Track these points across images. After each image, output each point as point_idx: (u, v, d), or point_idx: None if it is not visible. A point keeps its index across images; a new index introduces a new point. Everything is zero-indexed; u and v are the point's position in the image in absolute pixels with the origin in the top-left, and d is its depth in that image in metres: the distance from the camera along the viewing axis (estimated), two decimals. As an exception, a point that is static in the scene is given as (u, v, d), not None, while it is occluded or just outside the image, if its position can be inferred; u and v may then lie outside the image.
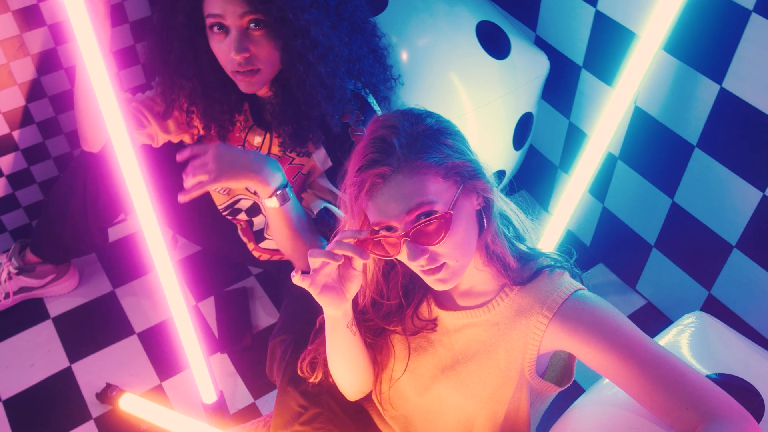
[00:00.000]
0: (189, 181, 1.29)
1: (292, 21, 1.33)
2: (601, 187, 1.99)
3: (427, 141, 1.02)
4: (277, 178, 1.34)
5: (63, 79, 1.95)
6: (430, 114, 1.07)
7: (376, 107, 1.55)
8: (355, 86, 1.51)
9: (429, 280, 1.07)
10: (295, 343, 1.42)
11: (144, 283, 2.05)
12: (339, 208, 1.45)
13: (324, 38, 1.38)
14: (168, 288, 1.41)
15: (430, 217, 1.00)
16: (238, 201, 1.67)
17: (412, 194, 1.00)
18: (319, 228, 1.50)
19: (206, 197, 1.74)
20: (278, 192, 1.33)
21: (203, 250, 2.13)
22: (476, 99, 1.80)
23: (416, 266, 1.04)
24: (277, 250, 1.69)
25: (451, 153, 1.03)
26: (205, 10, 1.36)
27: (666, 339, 1.29)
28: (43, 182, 2.09)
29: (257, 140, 1.56)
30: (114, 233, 2.15)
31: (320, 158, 1.52)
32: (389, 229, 1.03)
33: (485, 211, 1.08)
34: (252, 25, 1.34)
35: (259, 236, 1.71)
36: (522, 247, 1.15)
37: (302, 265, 1.48)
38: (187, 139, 1.65)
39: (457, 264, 1.05)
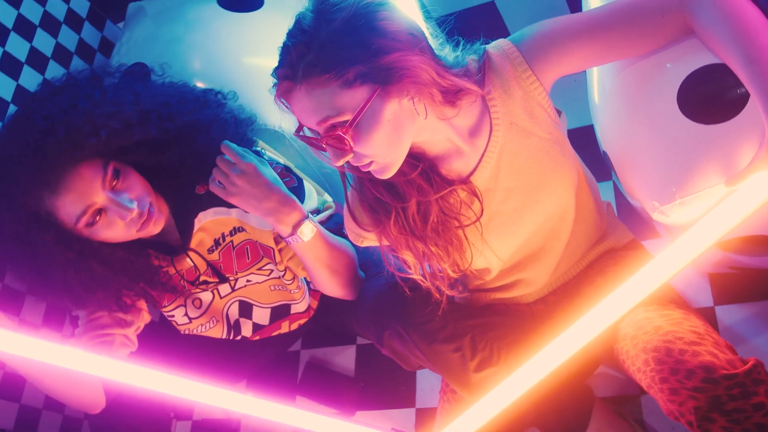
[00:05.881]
0: (212, 185, 1.32)
1: (137, 133, 1.28)
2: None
3: (331, 49, 1.00)
4: (289, 221, 1.32)
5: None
6: (345, 7, 1.01)
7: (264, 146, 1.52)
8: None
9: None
10: (398, 322, 1.37)
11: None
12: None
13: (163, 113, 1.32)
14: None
15: (330, 132, 1.02)
16: (227, 310, 1.59)
17: (315, 109, 1.02)
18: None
19: (211, 342, 1.66)
20: (292, 235, 1.33)
21: (248, 380, 2.02)
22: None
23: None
24: (301, 314, 1.65)
25: (359, 56, 1.00)
26: (67, 219, 1.25)
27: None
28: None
29: (187, 263, 1.49)
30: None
31: (254, 218, 1.47)
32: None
33: (427, 93, 1.07)
34: (115, 182, 1.27)
35: (283, 311, 1.65)
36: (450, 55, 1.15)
37: (345, 280, 1.47)
38: (146, 316, 1.54)
39: (385, 160, 1.08)
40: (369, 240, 1.28)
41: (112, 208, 1.26)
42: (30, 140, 1.20)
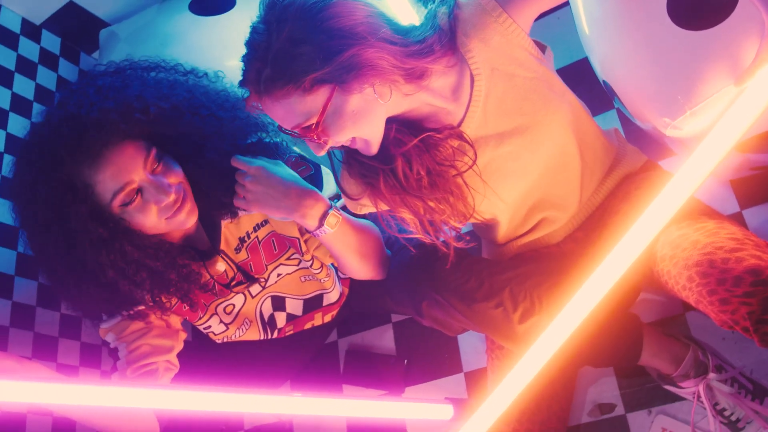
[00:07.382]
0: (235, 200, 1.31)
1: (184, 123, 1.28)
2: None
3: (284, 61, 1.02)
4: (314, 214, 1.28)
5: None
6: (291, 13, 1.02)
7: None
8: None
9: None
10: (433, 290, 1.37)
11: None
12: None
13: (198, 102, 1.31)
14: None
15: (305, 132, 1.09)
16: (260, 308, 1.58)
17: (285, 117, 1.08)
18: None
19: (249, 348, 1.65)
20: (320, 227, 1.30)
21: (291, 380, 2.03)
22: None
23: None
24: (333, 304, 1.64)
25: (312, 63, 1.02)
26: (103, 194, 1.21)
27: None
28: None
29: (219, 267, 1.47)
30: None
31: None
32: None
33: (388, 80, 1.08)
34: (156, 166, 1.25)
35: (316, 303, 1.64)
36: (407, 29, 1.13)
37: (375, 261, 1.45)
38: (183, 335, 1.53)
39: (365, 136, 1.12)
40: (367, 206, 1.29)
41: (150, 189, 1.23)
42: (78, 109, 1.18)
